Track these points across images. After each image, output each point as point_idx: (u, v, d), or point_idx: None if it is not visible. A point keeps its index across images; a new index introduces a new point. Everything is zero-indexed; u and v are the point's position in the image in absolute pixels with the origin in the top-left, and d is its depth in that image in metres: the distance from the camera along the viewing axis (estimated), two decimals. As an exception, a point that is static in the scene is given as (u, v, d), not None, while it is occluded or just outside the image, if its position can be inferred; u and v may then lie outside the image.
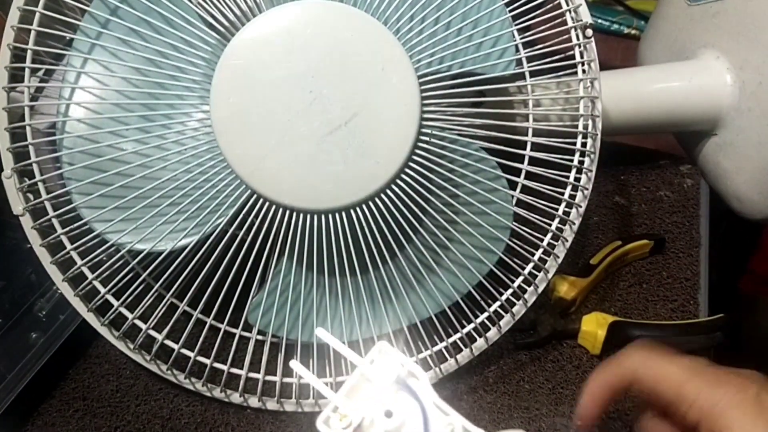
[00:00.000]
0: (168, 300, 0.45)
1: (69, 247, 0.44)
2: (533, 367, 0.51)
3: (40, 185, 0.44)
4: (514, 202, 0.45)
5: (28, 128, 0.43)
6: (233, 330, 0.46)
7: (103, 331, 0.46)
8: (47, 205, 0.44)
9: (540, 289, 0.47)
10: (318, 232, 0.41)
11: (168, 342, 0.46)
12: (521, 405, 0.49)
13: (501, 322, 0.47)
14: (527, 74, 0.45)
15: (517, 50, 0.44)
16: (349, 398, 0.28)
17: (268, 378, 0.47)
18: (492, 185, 0.44)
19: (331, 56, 0.39)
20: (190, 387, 0.48)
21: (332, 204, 0.41)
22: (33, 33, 0.42)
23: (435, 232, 0.43)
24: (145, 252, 0.43)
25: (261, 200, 0.41)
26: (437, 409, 0.28)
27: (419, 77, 0.40)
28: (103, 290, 0.45)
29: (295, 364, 0.29)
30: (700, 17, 0.57)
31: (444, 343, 0.47)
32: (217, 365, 0.47)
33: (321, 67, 0.39)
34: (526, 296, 0.47)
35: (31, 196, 0.44)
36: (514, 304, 0.47)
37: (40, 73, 0.45)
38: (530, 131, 0.45)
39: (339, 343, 0.29)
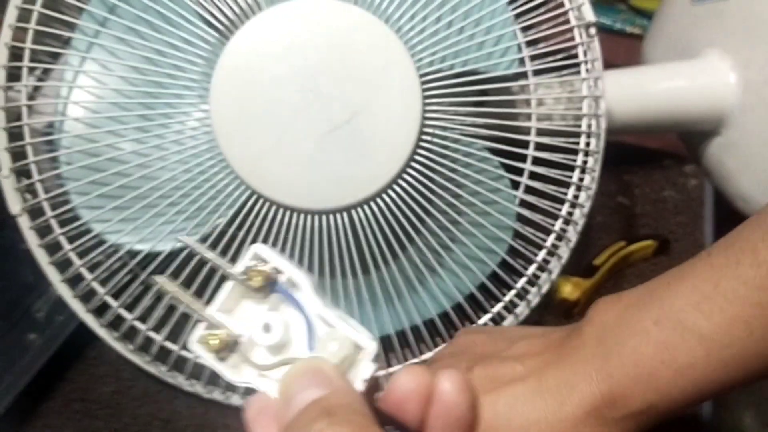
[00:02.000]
0: (167, 301, 0.44)
1: (67, 247, 0.44)
2: (536, 369, 0.51)
3: (38, 185, 0.43)
4: (517, 202, 0.44)
5: (25, 127, 0.43)
6: (233, 331, 0.46)
7: (102, 333, 0.46)
8: (45, 205, 0.43)
9: (543, 290, 0.46)
10: (318, 232, 0.41)
11: (167, 343, 0.46)
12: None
13: (504, 324, 0.47)
14: (530, 73, 0.45)
15: (520, 49, 0.43)
16: (225, 312, 0.25)
17: (269, 380, 0.47)
18: (495, 185, 0.43)
19: (332, 54, 0.39)
20: (190, 389, 0.48)
21: (332, 204, 0.40)
22: (31, 32, 0.42)
23: (437, 233, 0.43)
24: (144, 252, 0.43)
25: (261, 200, 0.41)
26: (321, 320, 0.25)
27: (421, 76, 0.40)
28: (101, 291, 0.45)
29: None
30: (704, 16, 0.57)
31: (446, 345, 0.46)
32: (216, 367, 0.46)
33: (321, 65, 0.39)
34: (529, 297, 0.46)
35: (28, 196, 0.43)
36: (517, 305, 0.46)
37: (38, 72, 0.45)
38: (533, 131, 0.44)
39: (203, 247, 0.26)
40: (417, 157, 0.41)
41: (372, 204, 0.41)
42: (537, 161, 0.44)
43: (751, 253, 0.27)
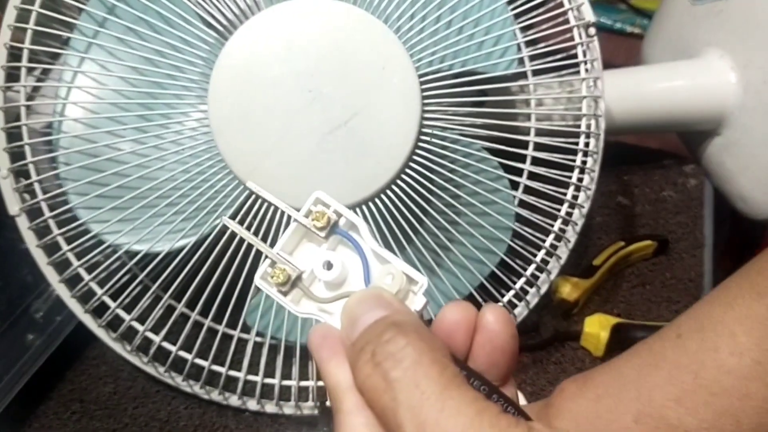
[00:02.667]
0: (166, 301, 0.44)
1: (65, 248, 0.44)
2: (535, 369, 0.50)
3: (37, 185, 0.43)
4: (516, 202, 0.44)
5: (24, 128, 0.43)
6: (232, 332, 0.46)
7: (100, 333, 0.46)
8: (43, 205, 0.43)
9: (542, 291, 0.46)
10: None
11: (166, 344, 0.46)
12: (523, 408, 0.48)
13: (503, 324, 0.46)
14: (529, 73, 0.45)
15: (519, 49, 0.43)
16: (287, 252, 0.27)
17: (267, 380, 0.47)
18: (494, 186, 0.43)
19: (331, 55, 0.39)
20: (188, 389, 0.47)
21: (332, 204, 0.40)
22: (30, 32, 0.42)
23: (436, 233, 0.43)
24: (142, 253, 0.43)
25: (259, 201, 0.41)
26: (377, 257, 0.27)
27: (420, 76, 0.40)
28: (100, 291, 0.45)
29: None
30: (703, 16, 0.57)
31: (445, 346, 0.46)
32: (215, 367, 0.46)
33: (320, 65, 0.39)
34: (528, 297, 0.46)
35: (27, 197, 0.43)
36: (516, 305, 0.46)
37: (37, 73, 0.45)
38: (533, 131, 0.44)
39: (271, 195, 0.28)
40: (416, 158, 0.40)
41: (371, 204, 0.41)
42: (536, 161, 0.44)
43: (729, 339, 0.26)
